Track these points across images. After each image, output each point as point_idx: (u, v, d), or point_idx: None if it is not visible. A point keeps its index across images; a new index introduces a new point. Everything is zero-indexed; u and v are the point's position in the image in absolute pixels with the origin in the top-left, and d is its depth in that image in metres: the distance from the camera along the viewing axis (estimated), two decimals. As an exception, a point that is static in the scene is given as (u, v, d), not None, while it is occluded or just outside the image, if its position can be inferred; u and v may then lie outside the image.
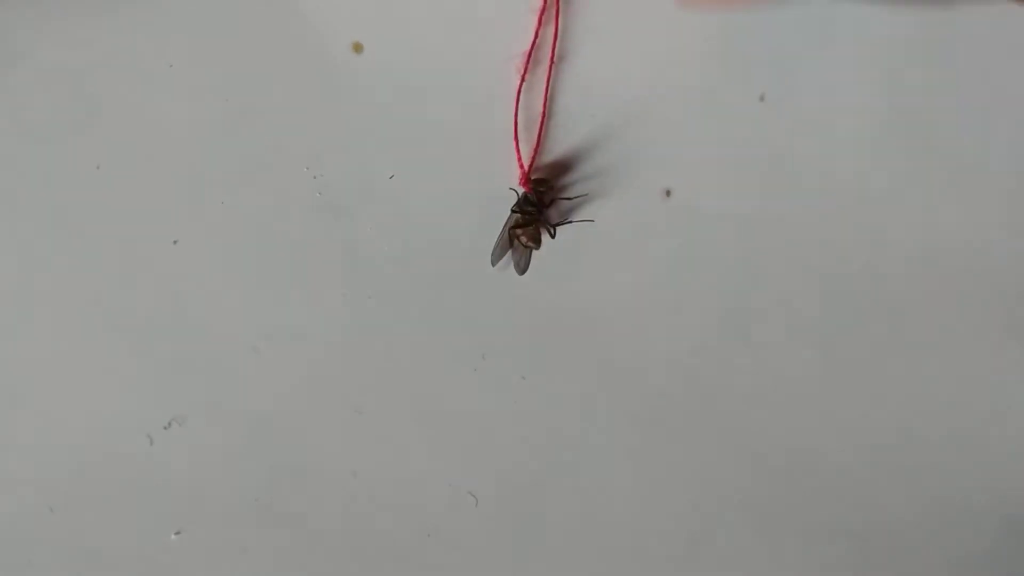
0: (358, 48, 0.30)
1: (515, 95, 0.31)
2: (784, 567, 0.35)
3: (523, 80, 0.31)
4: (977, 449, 0.34)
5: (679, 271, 0.32)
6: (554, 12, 0.30)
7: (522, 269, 0.32)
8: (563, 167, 0.32)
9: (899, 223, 0.32)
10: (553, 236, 0.31)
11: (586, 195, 0.32)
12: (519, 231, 0.31)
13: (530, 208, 0.31)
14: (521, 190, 0.31)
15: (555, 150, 0.31)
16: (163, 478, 0.32)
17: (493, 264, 0.31)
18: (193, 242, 0.31)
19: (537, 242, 0.31)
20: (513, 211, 0.31)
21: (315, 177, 0.31)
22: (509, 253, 0.32)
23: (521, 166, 0.31)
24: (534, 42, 0.30)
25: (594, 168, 0.31)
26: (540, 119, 0.31)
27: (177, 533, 0.33)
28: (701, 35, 0.30)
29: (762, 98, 0.31)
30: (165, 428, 0.32)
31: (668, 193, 0.32)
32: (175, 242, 0.31)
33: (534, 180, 0.31)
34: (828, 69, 0.31)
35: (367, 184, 0.31)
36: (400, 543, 0.33)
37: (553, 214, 0.32)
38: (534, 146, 0.31)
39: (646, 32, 0.30)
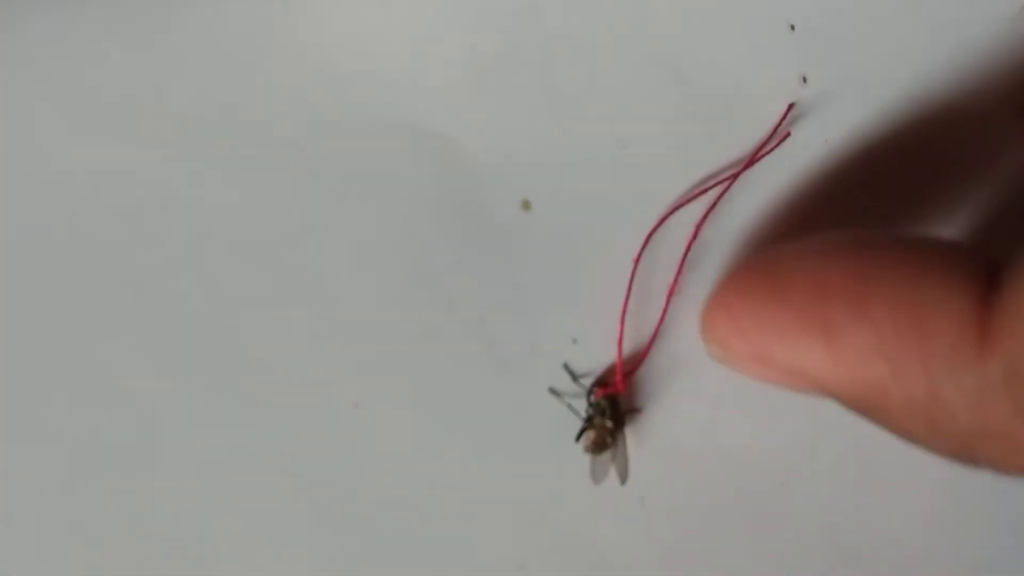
0: (527, 206, 0.31)
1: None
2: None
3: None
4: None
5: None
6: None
7: (596, 478, 0.30)
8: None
9: None
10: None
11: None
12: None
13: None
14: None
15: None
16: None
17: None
18: (374, 406, 0.32)
19: (598, 448, 0.29)
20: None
21: (485, 333, 0.31)
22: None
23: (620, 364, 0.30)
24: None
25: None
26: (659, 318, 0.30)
27: None
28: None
29: None
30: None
31: None
32: (355, 405, 0.32)
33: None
34: None
35: (537, 343, 0.32)
36: None
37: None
38: (645, 347, 0.30)
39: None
